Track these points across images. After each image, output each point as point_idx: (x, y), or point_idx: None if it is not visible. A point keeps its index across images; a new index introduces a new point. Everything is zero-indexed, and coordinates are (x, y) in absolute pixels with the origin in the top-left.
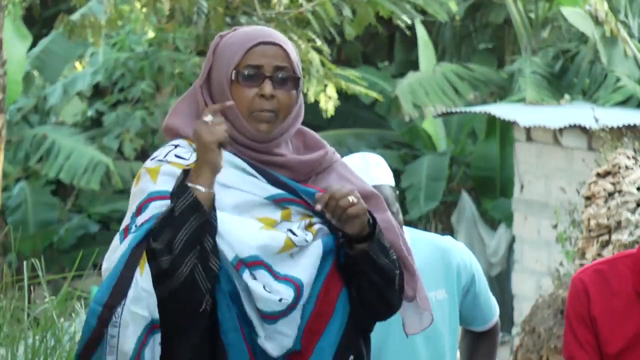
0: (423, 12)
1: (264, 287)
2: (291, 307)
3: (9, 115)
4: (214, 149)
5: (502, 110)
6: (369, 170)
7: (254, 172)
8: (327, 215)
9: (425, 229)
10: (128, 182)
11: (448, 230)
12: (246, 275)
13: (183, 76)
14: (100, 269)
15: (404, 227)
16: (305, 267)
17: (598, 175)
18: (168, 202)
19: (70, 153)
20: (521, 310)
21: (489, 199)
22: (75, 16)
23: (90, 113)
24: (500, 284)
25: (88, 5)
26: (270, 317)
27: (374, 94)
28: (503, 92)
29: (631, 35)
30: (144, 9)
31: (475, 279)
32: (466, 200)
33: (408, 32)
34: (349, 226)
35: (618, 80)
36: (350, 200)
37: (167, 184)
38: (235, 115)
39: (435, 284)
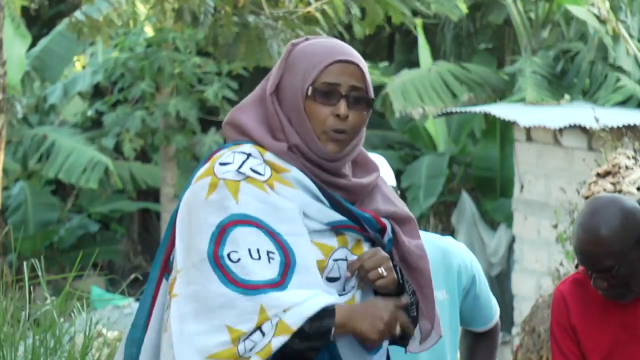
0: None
1: None
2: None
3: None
4: (378, 339)
5: (502, 110)
6: None
7: (319, 195)
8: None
9: (426, 229)
10: (127, 182)
11: (448, 230)
12: None
13: (183, 76)
14: (100, 268)
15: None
16: None
17: (598, 175)
18: (254, 229)
19: (69, 153)
20: (521, 310)
21: (489, 199)
22: (79, 15)
23: (90, 113)
24: (500, 284)
25: (94, 4)
26: (372, 347)
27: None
28: (502, 92)
29: (631, 35)
30: (150, 11)
31: (475, 280)
32: (466, 200)
33: (413, 31)
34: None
35: (618, 80)
36: (379, 273)
37: (249, 207)
38: (307, 130)
39: (436, 284)
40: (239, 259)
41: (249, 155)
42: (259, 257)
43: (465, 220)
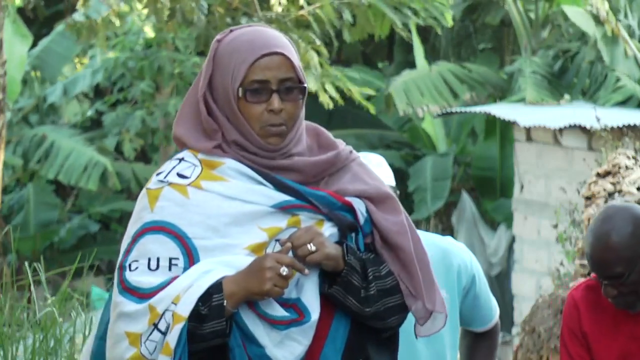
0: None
1: None
2: (303, 316)
3: (9, 115)
4: (264, 297)
5: (502, 110)
6: None
7: (260, 179)
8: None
9: (426, 229)
10: (127, 182)
11: (448, 230)
12: None
13: (183, 76)
14: (99, 269)
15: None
16: (309, 288)
17: (598, 175)
18: (162, 235)
19: (69, 153)
20: (521, 310)
21: (489, 199)
22: (78, 16)
23: (89, 113)
24: (500, 284)
25: (91, 6)
26: (281, 322)
27: (370, 91)
28: (503, 92)
29: (631, 35)
30: (145, 9)
31: (475, 280)
32: (466, 200)
33: (405, 37)
34: (321, 266)
35: (618, 80)
36: (308, 249)
37: (163, 212)
38: (245, 129)
39: None
40: (136, 268)
41: (181, 159)
42: (157, 267)
43: (465, 220)
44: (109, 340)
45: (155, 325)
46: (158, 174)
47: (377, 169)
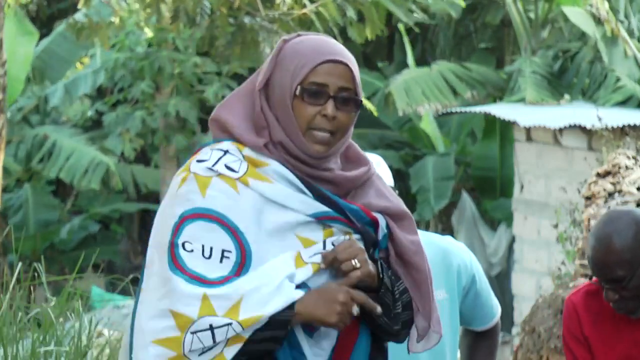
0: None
1: None
2: None
3: (9, 115)
4: (338, 322)
5: (502, 110)
6: None
7: (302, 186)
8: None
9: (426, 229)
10: (129, 184)
11: (448, 230)
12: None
13: (183, 76)
14: (101, 270)
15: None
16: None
17: (598, 175)
18: (215, 225)
19: (71, 153)
20: (521, 310)
21: (489, 199)
22: (78, 16)
23: (90, 113)
24: (500, 284)
25: (93, 6)
26: (310, 330)
27: (368, 104)
28: (502, 92)
29: (631, 35)
30: (147, 10)
31: (475, 279)
32: (466, 200)
33: (404, 35)
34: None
35: (618, 80)
36: (353, 265)
37: (215, 201)
38: (293, 129)
39: (436, 284)
40: (192, 250)
41: (226, 152)
42: (210, 256)
43: (465, 220)
44: (146, 311)
45: (212, 328)
46: (201, 161)
47: (376, 168)
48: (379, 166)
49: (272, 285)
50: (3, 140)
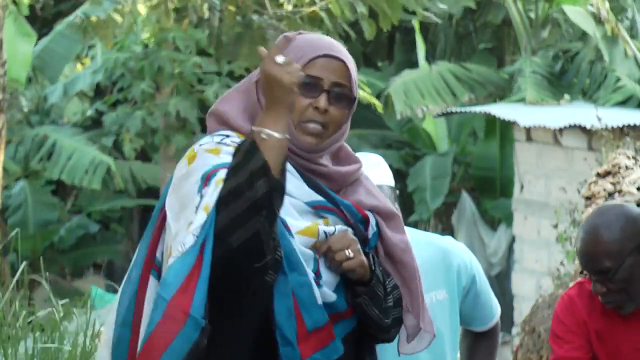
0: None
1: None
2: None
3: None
4: (294, 90)
5: (502, 110)
6: (368, 170)
7: (297, 174)
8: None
9: (426, 229)
10: (128, 182)
11: (448, 230)
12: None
13: (183, 76)
14: (101, 268)
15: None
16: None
17: (598, 175)
18: None
19: (71, 153)
20: (521, 310)
21: (489, 199)
22: (80, 15)
23: (90, 113)
24: (500, 284)
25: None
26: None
27: (373, 100)
28: (502, 92)
29: (636, 35)
30: (152, 11)
31: (475, 280)
32: (466, 200)
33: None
34: (347, 274)
35: (618, 80)
36: (346, 255)
37: (229, 159)
38: None
39: (436, 284)
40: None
41: (227, 135)
42: None
43: (465, 220)
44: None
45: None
46: (203, 144)
47: (376, 168)
48: (380, 166)
49: None
50: (3, 140)
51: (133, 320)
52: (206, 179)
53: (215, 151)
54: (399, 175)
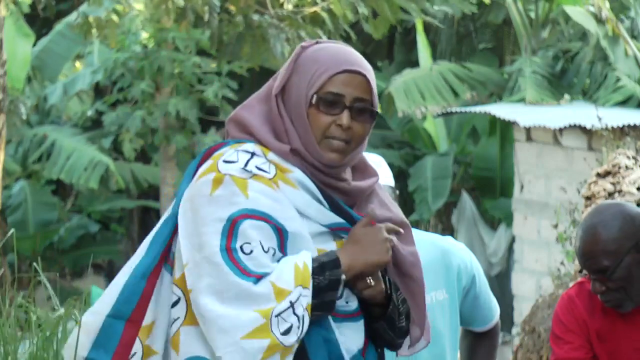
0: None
1: None
2: (358, 313)
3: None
4: (383, 266)
5: (502, 110)
6: None
7: (320, 196)
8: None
9: (426, 229)
10: (129, 182)
11: (448, 230)
12: None
13: (183, 76)
14: (101, 268)
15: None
16: None
17: (598, 175)
18: (264, 224)
19: (70, 153)
20: (521, 310)
21: (489, 199)
22: (81, 14)
23: (90, 113)
24: (500, 284)
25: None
26: (339, 316)
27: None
28: (503, 92)
29: (634, 36)
30: (153, 10)
31: (475, 280)
32: (466, 200)
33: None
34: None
35: (618, 80)
36: (368, 283)
37: (259, 203)
38: (308, 136)
39: (436, 284)
40: (251, 251)
41: (252, 154)
42: (267, 252)
43: (465, 220)
44: (223, 309)
45: (292, 304)
46: (229, 162)
47: (377, 169)
48: (380, 166)
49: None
50: (3, 140)
51: (132, 313)
52: (232, 225)
53: (242, 185)
54: (400, 175)
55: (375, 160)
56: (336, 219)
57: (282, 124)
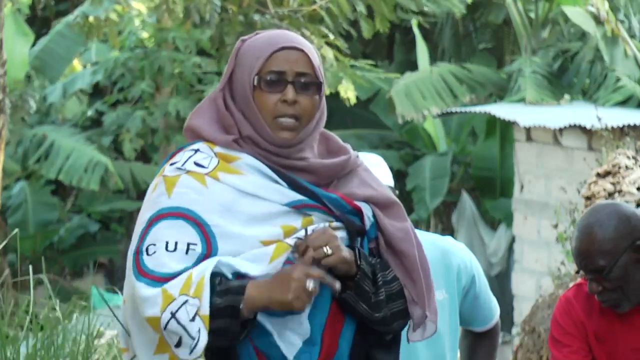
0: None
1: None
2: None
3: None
4: (286, 308)
5: (502, 110)
6: None
7: (275, 176)
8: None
9: (426, 229)
10: (127, 182)
11: (448, 230)
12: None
13: (183, 76)
14: (101, 268)
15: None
16: None
17: (598, 175)
18: (180, 221)
19: (69, 153)
20: (521, 310)
21: (489, 199)
22: (81, 14)
23: (89, 113)
24: (500, 284)
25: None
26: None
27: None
28: (502, 92)
29: (632, 35)
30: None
31: (475, 280)
32: (466, 200)
33: (417, 32)
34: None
35: (618, 80)
36: (324, 252)
37: (181, 198)
38: (258, 121)
39: (436, 284)
40: (154, 252)
41: (197, 150)
42: (175, 249)
43: (465, 220)
44: (132, 323)
45: (173, 315)
46: (173, 163)
47: (376, 169)
48: (379, 166)
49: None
50: (3, 140)
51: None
52: (147, 226)
53: (170, 184)
54: (399, 175)
55: (375, 161)
56: (296, 197)
57: (232, 118)
